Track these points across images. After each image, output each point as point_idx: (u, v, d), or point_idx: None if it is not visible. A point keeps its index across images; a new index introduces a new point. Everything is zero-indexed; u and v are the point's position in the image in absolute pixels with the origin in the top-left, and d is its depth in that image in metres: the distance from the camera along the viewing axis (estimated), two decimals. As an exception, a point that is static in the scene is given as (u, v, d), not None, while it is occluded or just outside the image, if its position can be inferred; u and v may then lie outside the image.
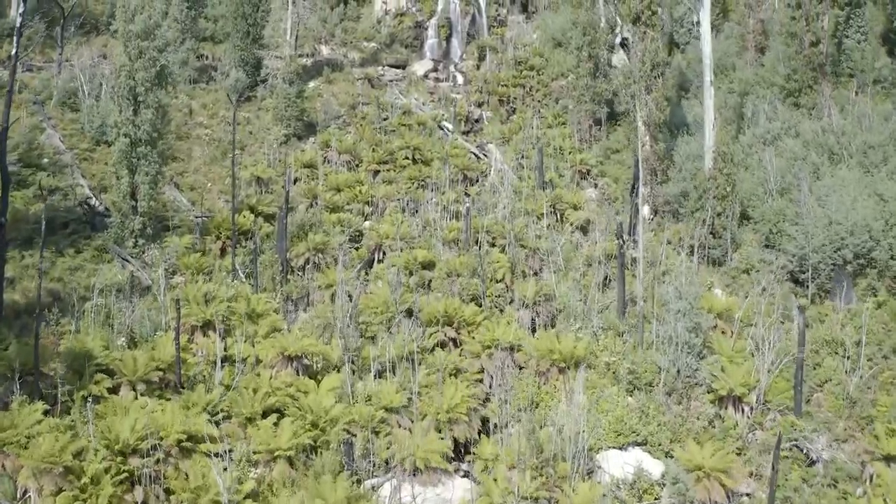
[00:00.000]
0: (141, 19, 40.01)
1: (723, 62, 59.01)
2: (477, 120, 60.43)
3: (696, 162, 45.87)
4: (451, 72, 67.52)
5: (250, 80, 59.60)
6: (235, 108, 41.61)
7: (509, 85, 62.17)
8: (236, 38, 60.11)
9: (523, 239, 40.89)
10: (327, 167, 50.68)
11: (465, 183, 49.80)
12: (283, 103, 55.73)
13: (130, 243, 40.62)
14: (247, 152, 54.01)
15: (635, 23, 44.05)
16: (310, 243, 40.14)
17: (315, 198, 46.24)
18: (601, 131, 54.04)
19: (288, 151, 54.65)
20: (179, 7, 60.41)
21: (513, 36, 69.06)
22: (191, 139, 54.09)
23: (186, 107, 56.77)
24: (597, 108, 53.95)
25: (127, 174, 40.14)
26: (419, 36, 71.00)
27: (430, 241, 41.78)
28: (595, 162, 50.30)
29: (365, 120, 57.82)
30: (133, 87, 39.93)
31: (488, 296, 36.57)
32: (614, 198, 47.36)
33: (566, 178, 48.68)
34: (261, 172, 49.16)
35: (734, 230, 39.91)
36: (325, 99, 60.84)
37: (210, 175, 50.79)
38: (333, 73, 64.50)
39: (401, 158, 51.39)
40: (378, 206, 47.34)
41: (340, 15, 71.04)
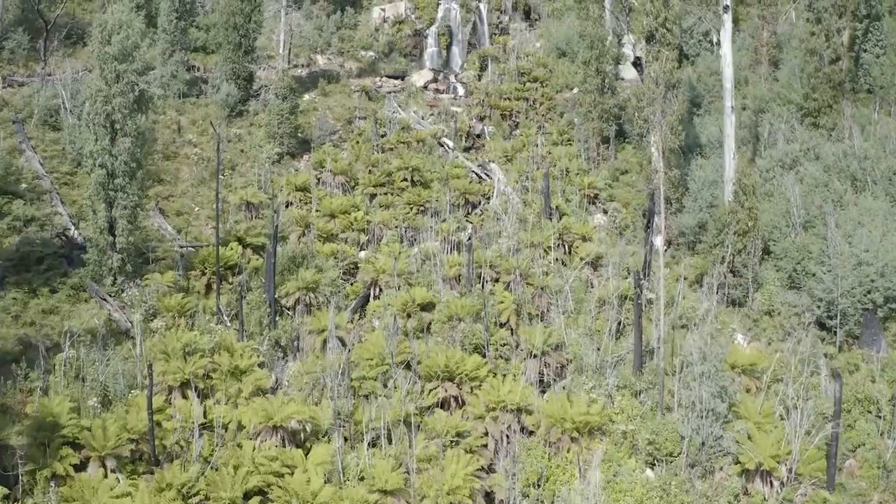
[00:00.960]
0: (118, 40, 36.39)
1: (735, 76, 55.28)
2: (478, 135, 56.83)
3: (712, 189, 42.36)
4: (452, 82, 63.85)
5: (242, 93, 55.97)
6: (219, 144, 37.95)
7: (512, 98, 58.55)
8: (227, 50, 56.41)
9: (529, 275, 37.45)
10: (321, 190, 47.13)
11: (466, 207, 46.28)
12: (276, 120, 52.16)
13: (109, 281, 37.22)
14: (237, 172, 50.48)
15: (649, 41, 40.49)
16: (300, 282, 36.67)
17: (307, 226, 42.72)
18: (609, 150, 50.48)
19: (281, 171, 51.14)
20: (168, 17, 56.68)
21: (515, 45, 65.39)
22: (178, 158, 50.52)
23: (175, 123, 53.17)
24: (605, 126, 50.36)
25: (104, 208, 36.61)
26: (418, 44, 67.30)
27: (430, 277, 38.32)
28: (603, 185, 46.76)
29: (361, 137, 54.23)
30: (109, 113, 36.34)
31: (492, 344, 33.15)
32: (625, 225, 43.83)
33: (574, 203, 45.16)
34: (251, 196, 45.62)
35: (756, 269, 36.45)
36: (320, 113, 57.25)
37: (198, 198, 47.24)
38: (329, 84, 60.86)
39: (399, 180, 47.85)
40: (374, 234, 43.84)
41: (337, 23, 67.28)
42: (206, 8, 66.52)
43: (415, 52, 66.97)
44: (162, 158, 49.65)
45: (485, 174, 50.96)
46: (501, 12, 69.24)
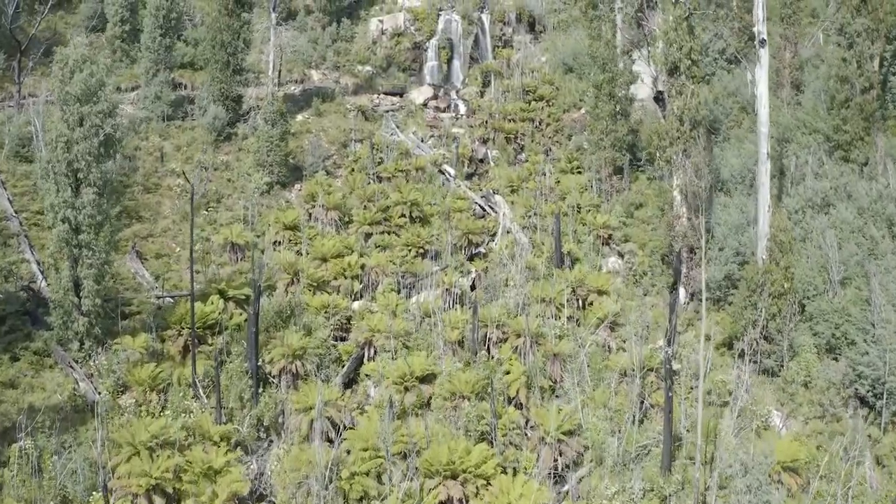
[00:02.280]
0: (81, 78, 31.59)
1: (754, 100, 50.56)
2: (482, 160, 52.04)
3: (738, 234, 37.66)
4: (453, 100, 58.93)
5: (230, 115, 51.11)
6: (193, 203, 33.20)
7: (517, 119, 53.69)
8: (215, 69, 51.46)
9: (540, 336, 32.90)
10: (312, 228, 42.38)
11: (469, 248, 41.58)
12: (265, 147, 47.35)
13: (75, 346, 32.68)
14: (224, 204, 45.72)
15: (672, 73, 35.69)
16: (286, 348, 32.10)
17: (297, 273, 38.07)
18: (623, 180, 45.72)
19: (270, 202, 46.41)
20: (151, 34, 51.66)
21: (519, 59, 60.36)
22: (160, 190, 45.75)
23: (158, 150, 48.34)
24: (618, 156, 45.58)
25: (68, 266, 31.97)
26: (418, 58, 62.25)
27: (430, 338, 33.75)
28: (617, 223, 42.03)
29: (357, 164, 49.42)
30: (72, 161, 31.61)
31: (501, 428, 28.64)
32: (642, 272, 39.18)
33: (586, 245, 40.51)
34: (236, 237, 40.97)
35: (791, 334, 31.93)
36: (313, 136, 52.41)
37: (180, 237, 42.54)
38: (324, 103, 55.93)
39: (396, 216, 43.14)
40: (370, 280, 39.21)
41: (333, 35, 62.15)
42: (196, 20, 61.37)
43: (414, 66, 61.96)
44: (142, 191, 44.95)
45: (489, 206, 46.26)
46: (505, 24, 64.13)
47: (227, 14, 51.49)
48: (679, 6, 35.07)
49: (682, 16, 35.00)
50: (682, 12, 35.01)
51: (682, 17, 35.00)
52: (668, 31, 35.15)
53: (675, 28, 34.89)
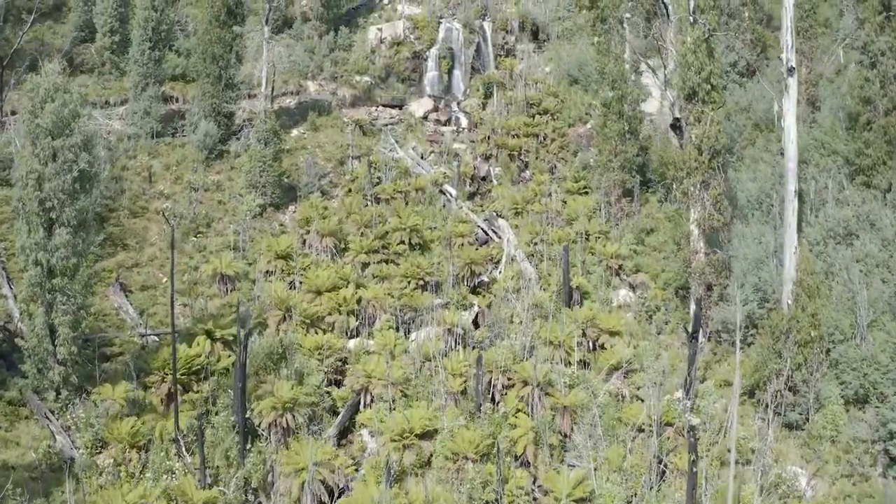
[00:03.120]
0: (52, 109, 28.64)
1: (767, 116, 47.59)
2: (484, 178, 49.11)
3: (758, 270, 34.73)
4: (454, 112, 55.88)
5: (222, 131, 48.12)
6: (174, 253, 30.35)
7: (520, 135, 50.70)
8: (206, 84, 48.42)
9: (549, 384, 30.12)
10: (306, 256, 39.49)
11: (471, 279, 38.69)
12: (258, 167, 44.40)
13: (52, 395, 29.91)
14: (214, 229, 42.80)
15: (690, 99, 32.72)
16: (276, 399, 29.31)
17: (289, 310, 35.23)
18: (633, 203, 42.80)
19: (263, 226, 43.53)
20: (140, 47, 48.56)
21: (523, 69, 57.29)
22: (148, 214, 42.82)
23: (146, 170, 45.38)
24: (627, 178, 42.65)
25: (41, 312, 29.12)
26: (418, 68, 59.11)
27: (430, 385, 30.96)
28: (628, 251, 39.16)
29: (354, 184, 46.48)
30: (44, 199, 28.70)
31: (507, 494, 25.90)
32: (655, 307, 36.34)
33: (595, 276, 37.65)
34: (226, 267, 38.11)
35: (818, 386, 29.13)
36: (309, 152, 49.45)
37: (167, 266, 39.48)
38: (320, 116, 52.91)
39: (395, 243, 40.28)
40: (367, 314, 36.36)
41: (330, 44, 58.99)
42: (188, 29, 58.17)
43: (414, 76, 58.85)
44: (128, 215, 42.06)
45: (492, 230, 43.38)
46: (507, 32, 60.98)
47: (219, 25, 48.44)
48: (697, 27, 32.06)
49: (701, 37, 32.00)
50: (701, 33, 32.00)
51: (702, 38, 32.01)
52: (686, 53, 32.15)
53: (693, 50, 31.88)
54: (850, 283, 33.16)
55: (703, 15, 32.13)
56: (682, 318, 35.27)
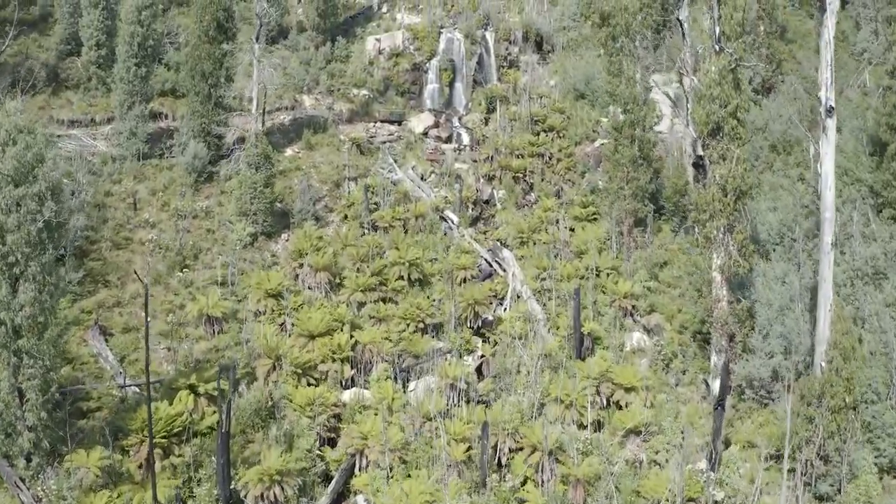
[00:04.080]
0: (14, 154, 25.38)
1: (785, 137, 44.31)
2: (487, 201, 45.86)
3: (783, 316, 31.51)
4: (455, 128, 52.53)
5: (212, 153, 44.79)
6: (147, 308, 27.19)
7: (525, 154, 47.41)
8: (195, 102, 45.05)
9: (561, 450, 27.05)
10: (298, 295, 36.28)
11: (475, 320, 35.50)
12: (249, 194, 41.12)
13: (21, 463, 26.82)
14: (202, 261, 39.55)
15: (714, 135, 29.42)
16: (264, 470, 26.24)
17: (279, 359, 32.09)
18: (646, 233, 39.62)
19: (254, 256, 40.30)
20: (125, 64, 45.12)
21: (527, 83, 53.90)
22: (132, 245, 39.54)
23: (131, 195, 42.06)
24: (640, 207, 39.44)
25: (7, 375, 25.96)
26: (418, 80, 55.71)
27: (430, 450, 27.88)
28: (641, 289, 35.98)
29: (350, 210, 43.22)
30: (7, 253, 25.49)
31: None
32: (672, 353, 33.22)
33: (607, 319, 34.49)
34: (212, 308, 34.93)
35: (851, 455, 26.08)
36: (304, 173, 46.13)
37: (152, 305, 36.35)
38: (315, 134, 49.55)
39: (393, 279, 37.12)
40: (363, 359, 33.24)
41: (327, 55, 55.52)
42: (180, 40, 54.57)
43: (413, 88, 55.46)
44: (111, 247, 38.78)
45: (496, 261, 40.20)
46: (510, 43, 57.49)
47: (208, 41, 45.02)
48: (723, 56, 28.72)
49: (727, 67, 28.67)
50: (727, 63, 28.68)
51: (727, 68, 28.68)
52: (710, 84, 28.81)
53: (718, 82, 28.55)
54: (882, 333, 30.14)
55: (729, 42, 28.79)
56: (701, 368, 32.19)
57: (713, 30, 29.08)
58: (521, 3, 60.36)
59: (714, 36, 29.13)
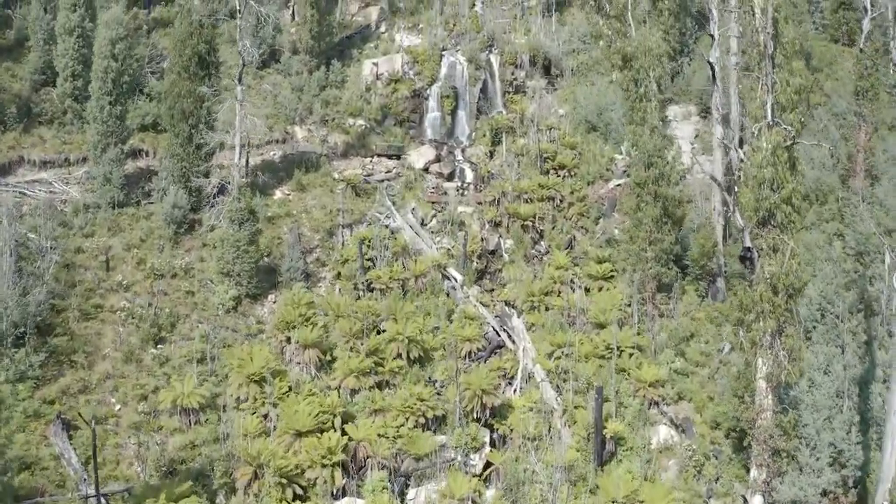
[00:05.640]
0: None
1: (818, 185, 38.75)
2: (493, 251, 40.44)
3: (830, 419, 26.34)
4: (458, 163, 46.92)
5: (193, 199, 39.28)
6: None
7: (534, 198, 41.90)
8: (175, 145, 39.48)
9: None
10: (284, 378, 31.00)
11: (482, 412, 30.28)
12: (231, 253, 35.75)
13: None
14: (179, 331, 34.19)
15: (764, 224, 24.03)
16: None
17: (261, 467, 26.97)
18: (670, 299, 34.35)
19: (237, 322, 35.05)
20: (98, 102, 39.45)
21: (535, 112, 48.21)
22: (103, 314, 34.06)
23: (104, 251, 36.60)
24: (664, 271, 34.12)
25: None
26: (418, 108, 50.01)
27: None
28: (667, 373, 30.75)
29: (345, 266, 37.84)
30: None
31: None
32: (704, 455, 28.05)
33: (631, 412, 29.28)
34: (188, 398, 29.70)
35: None
36: (294, 219, 40.71)
37: (123, 389, 31.20)
38: (308, 173, 43.98)
39: (390, 358, 31.87)
40: (356, 460, 28.13)
41: (321, 81, 49.69)
42: (164, 65, 48.54)
43: (413, 117, 49.80)
44: (79, 317, 33.36)
45: (504, 330, 34.96)
46: (516, 67, 51.62)
47: (189, 77, 39.41)
48: (777, 131, 23.23)
49: (782, 144, 23.20)
50: (782, 139, 23.21)
51: (782, 145, 23.21)
52: (762, 165, 23.34)
53: (772, 162, 23.10)
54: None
55: (785, 114, 23.31)
56: (737, 476, 27.03)
57: (765, 99, 23.56)
58: (527, 23, 54.45)
59: (766, 106, 23.62)
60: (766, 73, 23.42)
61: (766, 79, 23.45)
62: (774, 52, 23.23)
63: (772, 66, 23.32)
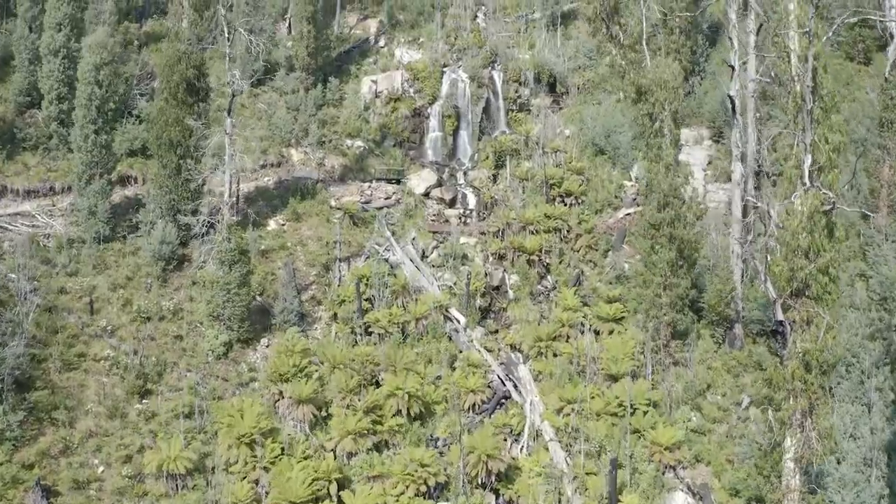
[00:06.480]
0: None
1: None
2: (498, 287, 37.83)
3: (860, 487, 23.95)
4: (460, 189, 44.18)
5: (183, 233, 36.65)
6: None
7: (540, 230, 39.23)
8: (162, 176, 36.80)
9: None
10: (276, 438, 28.47)
11: (487, 478, 27.81)
12: (221, 296, 33.16)
13: None
14: (166, 382, 31.64)
15: (798, 295, 21.45)
16: None
17: (251, 547, 24.66)
18: (685, 346, 31.82)
19: (227, 370, 32.54)
20: (83, 130, 36.71)
21: (539, 134, 45.43)
22: (86, 363, 31.51)
23: (88, 293, 34.01)
24: (678, 318, 31.57)
25: None
26: (418, 127, 47.28)
27: None
28: (684, 434, 28.23)
29: (341, 308, 35.22)
30: None
31: None
32: (726, 529, 25.72)
33: (646, 479, 26.81)
34: (174, 461, 27.19)
35: None
36: (289, 253, 38.08)
37: (107, 448, 28.63)
38: (303, 201, 41.30)
39: (389, 415, 29.36)
40: (354, 532, 25.79)
41: (317, 100, 46.86)
42: (156, 84, 45.57)
43: (413, 137, 47.05)
44: (61, 368, 30.83)
45: (509, 378, 32.45)
46: (520, 84, 48.79)
47: (177, 104, 36.68)
48: (815, 194, 20.60)
49: (819, 209, 20.57)
50: (819, 202, 20.57)
51: (819, 209, 20.58)
52: (796, 231, 20.72)
53: (808, 229, 20.49)
54: None
55: (822, 175, 20.66)
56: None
57: (802, 158, 20.89)
58: (531, 37, 51.51)
59: (803, 166, 20.94)
60: (805, 128, 20.72)
61: (803, 136, 20.77)
62: (813, 107, 20.56)
63: (811, 121, 20.64)
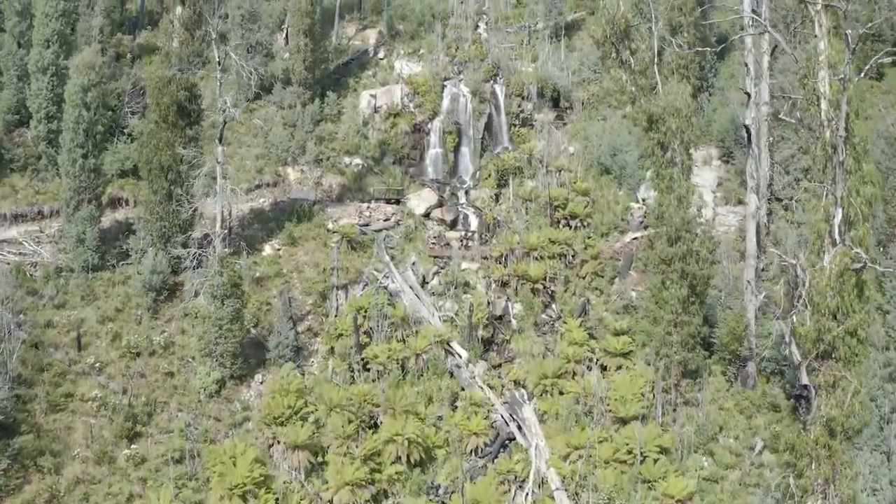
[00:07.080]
0: None
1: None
2: (500, 316, 36.06)
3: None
4: (461, 209, 42.38)
5: (174, 261, 34.93)
6: None
7: (544, 255, 37.46)
8: (153, 203, 35.01)
9: None
10: (270, 488, 26.87)
11: (491, 529, 26.30)
12: (213, 332, 31.46)
13: None
14: (156, 423, 30.00)
15: (825, 357, 19.73)
16: None
17: None
18: (696, 385, 30.13)
19: (220, 410, 30.88)
20: (70, 154, 34.88)
21: (543, 150, 43.55)
22: (73, 404, 29.83)
23: (76, 326, 32.34)
24: (689, 356, 29.85)
25: None
26: (418, 143, 45.41)
27: None
28: (696, 483, 26.59)
29: (339, 342, 33.49)
30: None
31: None
32: None
33: (657, 534, 25.28)
34: (163, 515, 25.69)
35: None
36: (284, 281, 36.34)
37: (95, 497, 26.93)
38: (300, 224, 39.50)
39: (388, 462, 27.72)
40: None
41: (315, 115, 44.96)
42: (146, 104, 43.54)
43: (413, 153, 45.18)
44: (47, 410, 29.14)
45: (513, 418, 30.76)
46: (523, 98, 46.82)
47: (168, 127, 34.86)
48: (845, 252, 18.81)
49: (849, 266, 18.79)
50: (849, 260, 18.78)
51: (849, 267, 18.80)
52: (824, 290, 18.95)
53: (837, 290, 18.74)
54: None
55: (852, 230, 18.87)
56: None
57: (833, 213, 19.10)
58: (534, 49, 49.51)
59: (833, 221, 19.15)
60: (835, 180, 18.91)
61: (833, 188, 18.97)
62: (845, 159, 18.77)
63: (842, 173, 18.85)
